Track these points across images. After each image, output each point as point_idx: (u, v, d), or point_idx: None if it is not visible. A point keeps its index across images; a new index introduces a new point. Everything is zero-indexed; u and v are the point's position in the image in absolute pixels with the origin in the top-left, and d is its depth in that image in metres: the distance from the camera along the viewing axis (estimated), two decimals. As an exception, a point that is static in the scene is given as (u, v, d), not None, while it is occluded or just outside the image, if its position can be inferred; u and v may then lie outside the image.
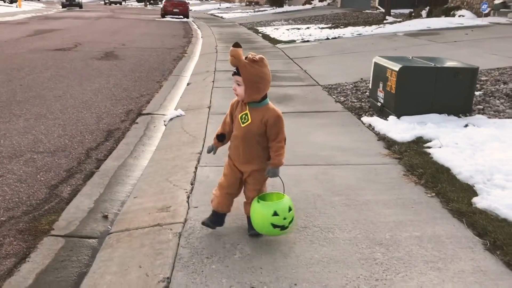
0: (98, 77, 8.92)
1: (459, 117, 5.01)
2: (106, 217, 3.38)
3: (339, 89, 7.00)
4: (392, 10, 19.62)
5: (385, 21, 17.27)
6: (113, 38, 16.42)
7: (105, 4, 63.61)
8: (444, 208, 3.11)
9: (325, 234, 2.78)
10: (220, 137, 2.75)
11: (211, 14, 38.46)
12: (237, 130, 2.65)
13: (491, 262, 2.49)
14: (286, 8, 34.98)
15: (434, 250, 2.61)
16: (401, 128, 4.65)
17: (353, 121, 5.31)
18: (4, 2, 41.25)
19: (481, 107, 5.40)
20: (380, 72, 5.41)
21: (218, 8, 48.39)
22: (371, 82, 5.79)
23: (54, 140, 5.13)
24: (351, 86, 7.11)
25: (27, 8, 36.90)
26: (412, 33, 12.99)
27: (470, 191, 3.29)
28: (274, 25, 21.40)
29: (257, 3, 49.41)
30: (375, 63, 5.62)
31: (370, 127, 5.01)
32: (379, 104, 5.43)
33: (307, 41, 13.66)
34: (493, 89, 6.07)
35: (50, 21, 24.49)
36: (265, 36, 16.25)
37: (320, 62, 9.77)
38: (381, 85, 5.36)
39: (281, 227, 2.56)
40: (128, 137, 5.31)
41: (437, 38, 11.51)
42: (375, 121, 5.02)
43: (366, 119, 5.24)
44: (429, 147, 4.16)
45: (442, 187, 3.36)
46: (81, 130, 5.50)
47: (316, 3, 35.22)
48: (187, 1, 32.74)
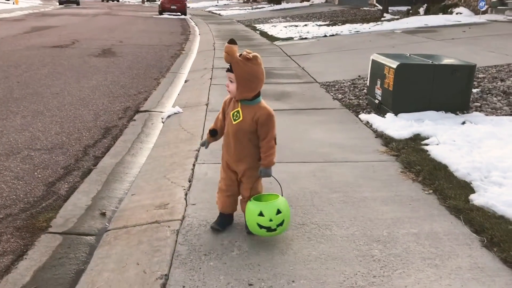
0: (95, 74, 8.90)
1: (457, 114, 5.02)
2: (103, 214, 3.38)
3: (336, 86, 7.00)
4: (389, 8, 19.63)
5: (382, 19, 17.28)
6: (111, 35, 16.37)
7: (103, 1, 63.35)
8: (442, 205, 3.11)
9: (323, 231, 2.79)
10: (212, 132, 2.76)
11: (209, 11, 38.38)
12: (228, 127, 2.65)
13: (488, 259, 2.50)
14: (284, 5, 34.93)
15: (432, 247, 2.61)
16: (398, 125, 4.65)
17: (350, 118, 5.31)
18: (1, -2, 41.04)
19: (478, 104, 5.42)
20: (377, 69, 5.41)
21: (216, 5, 48.27)
22: (368, 79, 5.79)
23: (52, 137, 5.12)
24: (349, 83, 7.11)
25: (24, 5, 36.73)
26: (409, 30, 12.99)
27: (467, 188, 3.30)
28: (272, 23, 21.36)
29: (255, 0, 49.28)
30: (373, 60, 5.62)
31: (367, 124, 5.01)
32: (376, 101, 5.43)
33: (305, 38, 13.64)
34: (491, 87, 6.09)
35: (47, 18, 24.40)
36: (263, 33, 16.22)
37: (318, 59, 9.77)
38: (378, 82, 5.36)
39: (267, 228, 2.54)
40: (125, 134, 5.30)
41: (434, 35, 11.52)
42: (373, 118, 5.02)
43: (363, 116, 5.24)
44: (427, 144, 4.17)
45: (439, 184, 3.36)
46: (79, 127, 5.49)
47: (314, 0, 35.18)
48: (184, -2, 32.69)
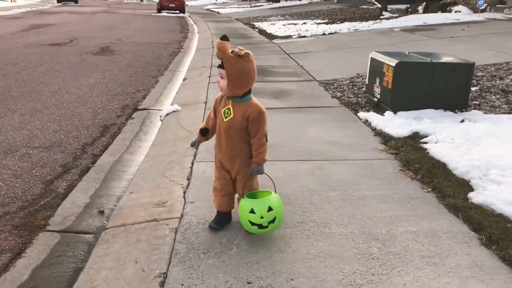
0: (93, 72, 8.88)
1: (455, 112, 5.02)
2: (102, 212, 3.37)
3: (335, 84, 7.00)
4: (388, 6, 19.61)
5: (381, 17, 17.27)
6: (109, 33, 16.33)
7: (101, -2, 63.16)
8: (440, 203, 3.11)
9: (322, 229, 2.78)
10: (204, 131, 2.76)
11: (207, 9, 38.33)
12: (220, 125, 2.64)
13: (486, 257, 2.50)
14: (282, 3, 34.90)
15: (430, 245, 2.61)
16: (397, 124, 4.65)
17: (349, 117, 5.31)
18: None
19: (477, 102, 5.41)
20: (376, 67, 5.41)
21: (215, 3, 48.18)
22: (367, 77, 5.79)
23: (50, 135, 5.10)
24: (348, 81, 7.10)
25: (22, 2, 36.62)
26: (408, 28, 12.99)
27: (466, 186, 3.30)
28: (270, 20, 21.33)
29: (253, -2, 49.21)
30: (372, 58, 5.62)
31: (366, 122, 5.01)
32: (375, 99, 5.43)
33: (304, 36, 13.63)
34: (489, 85, 6.09)
35: (45, 16, 24.34)
36: (262, 31, 16.20)
37: (317, 57, 9.76)
38: (377, 80, 5.36)
39: (259, 225, 2.54)
40: (124, 132, 5.30)
41: (433, 33, 11.52)
42: (372, 117, 5.02)
43: (362, 114, 5.24)
44: (425, 143, 4.17)
45: (438, 182, 3.36)
46: (77, 125, 5.48)
47: (313, -2, 35.15)
48: (183, -5, 32.61)
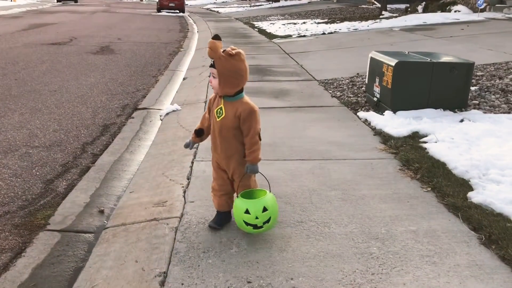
0: (93, 71, 8.88)
1: (455, 112, 5.02)
2: (102, 211, 3.38)
3: (335, 84, 7.00)
4: (388, 5, 19.61)
5: (381, 16, 17.27)
6: (109, 32, 16.33)
7: (100, -2, 63.12)
8: (440, 203, 3.12)
9: (321, 229, 2.79)
10: (199, 132, 2.76)
11: (207, 9, 38.32)
12: (214, 125, 2.65)
13: (486, 256, 2.50)
14: (282, 2, 34.88)
15: (430, 245, 2.62)
16: (397, 123, 4.66)
17: (349, 116, 5.31)
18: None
19: (476, 102, 5.42)
20: (376, 67, 5.41)
21: (214, 3, 48.17)
22: (367, 77, 5.79)
23: (50, 134, 5.11)
24: (347, 81, 7.11)
25: (22, 2, 36.61)
26: (408, 28, 12.99)
27: (465, 185, 3.30)
28: (270, 20, 21.33)
29: (253, -2, 49.17)
30: (371, 58, 5.62)
31: (366, 122, 5.02)
32: (375, 99, 5.43)
33: (304, 36, 13.63)
34: (489, 84, 6.09)
35: (45, 15, 24.33)
36: (261, 31, 16.20)
37: (316, 57, 9.76)
38: (377, 80, 5.36)
39: (254, 226, 2.55)
40: (124, 131, 5.30)
41: (433, 33, 11.52)
42: (371, 116, 5.03)
43: (362, 114, 5.24)
44: (425, 142, 4.17)
45: (437, 181, 3.37)
46: (77, 125, 5.48)
47: (312, -3, 35.14)
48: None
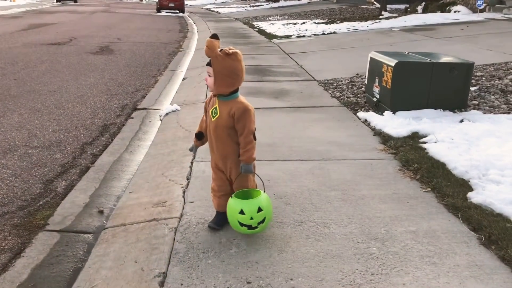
0: (93, 71, 8.88)
1: (455, 112, 5.02)
2: (101, 212, 3.37)
3: (335, 84, 7.00)
4: (388, 6, 19.60)
5: (381, 17, 17.27)
6: (108, 32, 16.32)
7: (100, -2, 63.09)
8: (440, 203, 3.12)
9: (321, 229, 2.78)
10: (199, 135, 2.77)
11: (207, 9, 38.32)
12: (209, 125, 2.66)
13: (486, 257, 2.50)
14: (282, 3, 34.88)
15: (430, 245, 2.61)
16: (396, 123, 4.66)
17: (349, 116, 5.31)
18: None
19: (476, 102, 5.42)
20: (376, 67, 5.41)
21: (214, 3, 48.18)
22: (367, 77, 5.79)
23: (49, 135, 5.10)
24: (347, 81, 7.10)
25: (22, 2, 36.60)
26: (407, 28, 12.99)
27: (465, 186, 3.30)
28: (270, 20, 21.33)
29: (253, -2, 49.17)
30: (371, 58, 5.62)
31: (366, 122, 5.02)
32: (374, 99, 5.43)
33: (303, 36, 13.63)
34: (488, 85, 6.09)
35: (44, 15, 24.32)
36: (261, 31, 16.20)
37: (316, 57, 9.76)
38: (377, 80, 5.36)
39: (248, 226, 2.54)
40: (123, 132, 5.29)
41: (432, 33, 11.52)
42: (371, 116, 5.02)
43: (362, 114, 5.24)
44: (425, 142, 4.17)
45: (437, 182, 3.37)
46: (76, 125, 5.48)
47: (312, -2, 35.14)
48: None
